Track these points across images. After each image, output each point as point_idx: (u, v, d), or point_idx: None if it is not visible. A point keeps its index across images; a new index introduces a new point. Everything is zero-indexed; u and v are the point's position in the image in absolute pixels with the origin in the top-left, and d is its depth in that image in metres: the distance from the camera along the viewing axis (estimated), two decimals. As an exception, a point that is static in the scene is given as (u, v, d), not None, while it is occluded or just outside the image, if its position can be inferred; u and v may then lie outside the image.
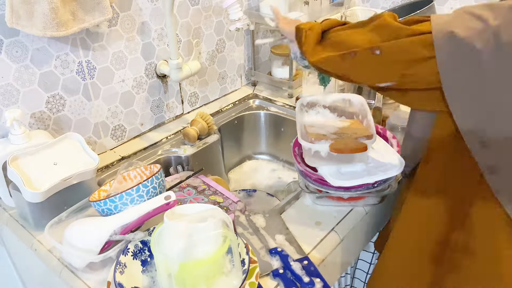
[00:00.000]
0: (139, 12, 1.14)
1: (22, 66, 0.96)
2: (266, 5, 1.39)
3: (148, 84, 1.24)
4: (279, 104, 1.45)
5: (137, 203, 0.83)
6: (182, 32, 1.27)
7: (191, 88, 1.38)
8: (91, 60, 1.08)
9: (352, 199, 0.95)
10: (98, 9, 0.97)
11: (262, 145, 1.50)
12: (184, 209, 0.77)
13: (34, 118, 1.02)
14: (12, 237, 0.97)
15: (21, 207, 0.93)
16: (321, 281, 0.77)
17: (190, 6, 1.26)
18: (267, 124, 1.46)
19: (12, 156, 0.88)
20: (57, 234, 0.83)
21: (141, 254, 0.80)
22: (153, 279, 0.77)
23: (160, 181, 0.87)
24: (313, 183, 0.93)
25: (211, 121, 1.28)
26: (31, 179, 0.87)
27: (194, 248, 0.69)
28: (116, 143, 1.23)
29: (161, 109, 1.31)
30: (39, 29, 0.89)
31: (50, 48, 0.99)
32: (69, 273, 0.82)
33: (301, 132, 0.93)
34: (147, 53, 1.20)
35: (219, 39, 1.40)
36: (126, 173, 0.96)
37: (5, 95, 0.96)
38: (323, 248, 0.87)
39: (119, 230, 0.80)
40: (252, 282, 0.72)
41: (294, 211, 0.96)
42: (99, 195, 0.92)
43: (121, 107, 1.20)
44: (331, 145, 0.84)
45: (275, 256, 0.83)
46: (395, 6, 1.56)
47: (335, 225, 0.91)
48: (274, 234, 0.89)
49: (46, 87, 1.02)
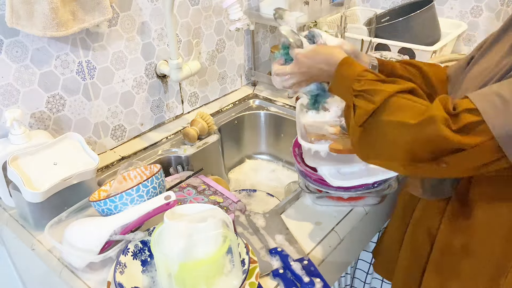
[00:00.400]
0: (139, 12, 1.14)
1: (22, 66, 0.96)
2: (266, 5, 1.39)
3: (148, 84, 1.24)
4: (279, 104, 1.44)
5: (137, 203, 0.83)
6: (182, 32, 1.27)
7: (191, 88, 1.38)
8: (91, 60, 1.08)
9: (352, 199, 0.96)
10: (98, 9, 0.97)
11: (262, 145, 1.50)
12: (184, 209, 0.77)
13: (34, 118, 1.02)
14: (12, 237, 0.96)
15: (21, 207, 0.93)
16: (321, 281, 0.77)
17: (190, 6, 1.26)
18: (267, 124, 1.46)
19: (12, 156, 0.88)
20: (57, 234, 0.83)
21: (141, 254, 0.80)
22: (153, 279, 0.77)
23: (160, 181, 0.87)
24: (313, 183, 0.93)
25: (211, 121, 1.27)
26: (31, 179, 0.87)
27: (194, 248, 0.69)
28: (116, 143, 1.23)
29: (161, 109, 1.31)
30: (39, 29, 0.89)
31: (50, 48, 0.99)
32: (69, 273, 0.81)
33: (301, 132, 0.93)
34: (147, 53, 1.20)
35: (219, 39, 1.40)
36: (126, 173, 0.96)
37: (5, 95, 0.96)
38: (323, 248, 0.87)
39: (119, 230, 0.80)
40: (252, 282, 0.72)
41: (294, 211, 0.96)
42: (99, 195, 0.92)
43: (121, 107, 1.20)
44: (330, 145, 0.84)
45: (275, 256, 0.83)
46: (395, 6, 1.57)
47: (335, 225, 0.91)
48: (274, 234, 0.89)
49: (46, 87, 1.02)
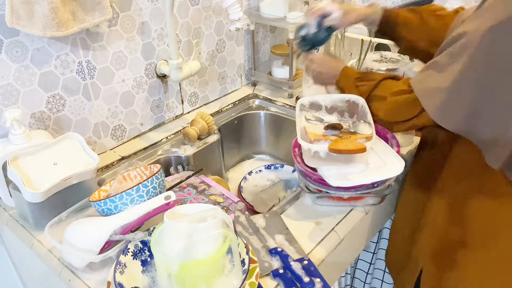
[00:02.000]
0: (139, 12, 1.14)
1: (22, 66, 0.96)
2: (266, 5, 1.39)
3: (148, 84, 1.24)
4: (279, 104, 1.44)
5: (137, 203, 0.83)
6: (182, 32, 1.27)
7: (191, 88, 1.38)
8: (91, 60, 1.08)
9: (352, 199, 0.96)
10: (98, 9, 0.97)
11: (262, 145, 1.50)
12: (184, 209, 0.77)
13: (34, 118, 1.02)
14: (12, 237, 0.97)
15: (21, 207, 0.93)
16: (321, 281, 0.76)
17: (190, 6, 1.26)
18: (267, 124, 1.46)
19: (12, 156, 0.88)
20: (57, 234, 0.83)
21: (141, 254, 0.80)
22: (153, 279, 0.77)
23: (160, 181, 0.87)
24: (313, 183, 0.93)
25: (211, 121, 1.27)
26: (31, 179, 0.87)
27: (194, 248, 0.69)
28: (116, 143, 1.23)
29: (161, 109, 1.31)
30: (39, 29, 0.89)
31: (50, 48, 0.99)
32: (69, 273, 0.81)
33: (301, 132, 0.93)
34: (147, 53, 1.20)
35: (219, 39, 1.40)
36: (126, 173, 0.96)
37: (5, 95, 0.96)
38: (323, 248, 0.87)
39: (119, 230, 0.80)
40: (252, 282, 0.72)
41: (294, 211, 0.96)
42: (99, 195, 0.92)
43: (121, 107, 1.20)
44: (330, 146, 0.84)
45: (275, 256, 0.83)
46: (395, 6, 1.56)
47: (335, 225, 0.91)
48: (274, 234, 0.88)
49: (46, 87, 1.02)
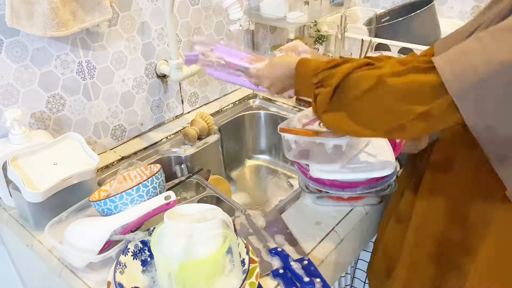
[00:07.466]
0: (139, 12, 1.14)
1: (22, 66, 0.96)
2: (266, 5, 1.39)
3: (148, 84, 1.24)
4: (279, 104, 1.44)
5: (137, 203, 0.83)
6: (182, 32, 1.27)
7: (191, 88, 1.38)
8: (91, 60, 1.08)
9: (352, 199, 0.96)
10: (98, 9, 0.97)
11: (262, 145, 1.50)
12: (184, 209, 0.77)
13: (34, 118, 1.02)
14: (12, 237, 0.97)
15: (21, 207, 0.93)
16: (321, 281, 0.76)
17: (190, 6, 1.26)
18: (267, 124, 1.46)
19: (12, 156, 0.88)
20: (57, 234, 0.83)
21: (141, 254, 0.80)
22: (153, 279, 0.77)
23: (160, 181, 0.87)
24: (313, 183, 0.93)
25: (211, 121, 1.27)
26: (31, 179, 0.87)
27: (194, 248, 0.69)
28: (116, 143, 1.23)
29: (161, 109, 1.31)
30: (39, 29, 0.89)
31: (50, 48, 0.99)
32: (69, 273, 0.81)
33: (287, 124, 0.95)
34: (147, 53, 1.20)
35: (219, 39, 1.39)
36: (126, 173, 0.96)
37: (5, 95, 0.96)
38: (323, 248, 0.87)
39: (119, 230, 0.80)
40: (252, 282, 0.72)
41: (294, 211, 0.96)
42: (99, 195, 0.92)
43: (121, 107, 1.20)
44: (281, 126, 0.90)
45: (275, 256, 0.83)
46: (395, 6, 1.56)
47: (335, 225, 0.91)
48: (274, 234, 0.89)
49: (46, 87, 1.02)
